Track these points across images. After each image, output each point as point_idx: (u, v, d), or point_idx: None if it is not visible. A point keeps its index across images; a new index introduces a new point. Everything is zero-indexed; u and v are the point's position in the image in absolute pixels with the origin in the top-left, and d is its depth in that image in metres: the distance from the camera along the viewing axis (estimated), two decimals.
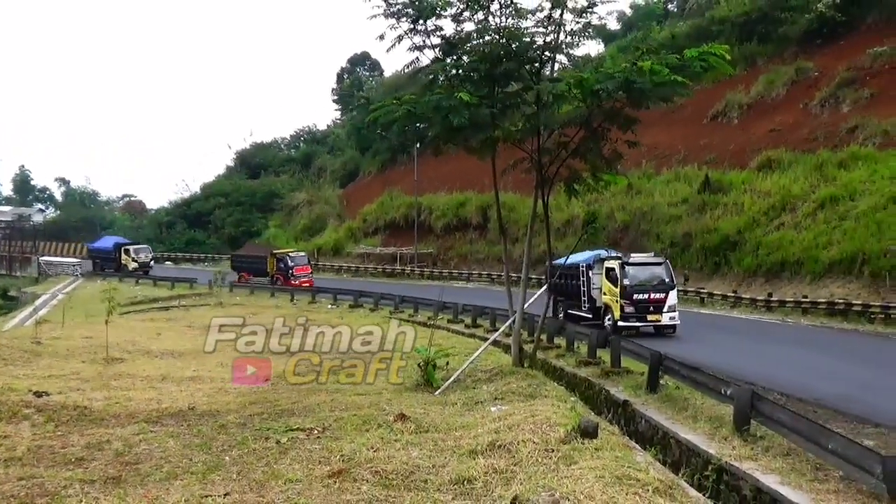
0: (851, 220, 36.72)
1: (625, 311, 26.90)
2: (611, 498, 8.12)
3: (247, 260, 61.79)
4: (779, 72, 56.04)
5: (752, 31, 61.16)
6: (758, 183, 45.83)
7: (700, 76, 15.82)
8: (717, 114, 57.80)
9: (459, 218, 66.20)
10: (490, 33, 17.09)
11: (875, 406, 14.90)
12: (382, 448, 10.79)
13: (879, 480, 8.19)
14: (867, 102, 47.64)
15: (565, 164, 18.01)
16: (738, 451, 10.97)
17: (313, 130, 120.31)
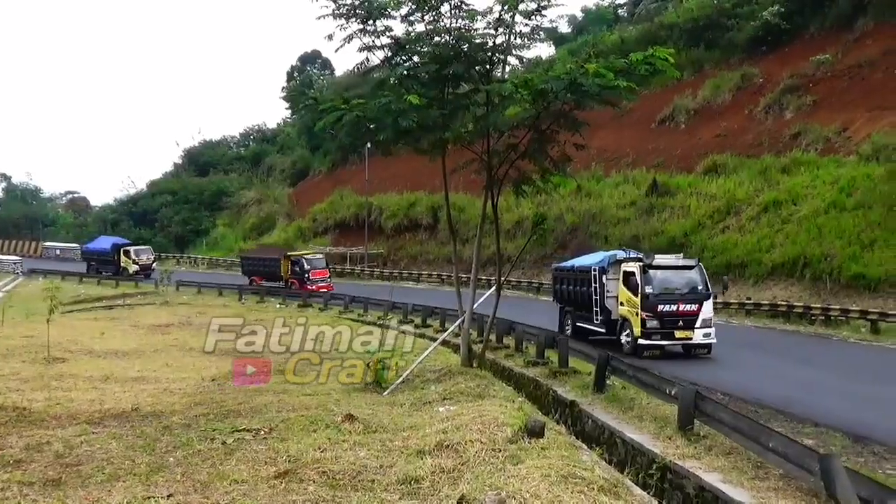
0: (794, 224, 37.42)
1: (647, 327, 21.65)
2: (556, 496, 8.17)
3: (258, 263, 54.97)
4: (725, 77, 57.03)
5: (699, 37, 62.11)
6: (704, 186, 46.51)
7: (647, 79, 15.99)
8: (664, 118, 58.59)
9: (410, 218, 66.20)
10: (440, 34, 17.08)
11: (814, 406, 15.15)
12: (329, 448, 10.73)
13: (818, 478, 8.30)
14: (810, 109, 48.71)
15: (514, 166, 18.08)
16: (681, 450, 11.06)
17: (263, 129, 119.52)
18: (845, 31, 52.35)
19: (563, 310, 27.18)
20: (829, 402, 15.65)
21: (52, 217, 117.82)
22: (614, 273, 23.71)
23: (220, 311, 36.00)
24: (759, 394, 16.52)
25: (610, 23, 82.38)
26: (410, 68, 18.04)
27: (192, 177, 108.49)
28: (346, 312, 35.16)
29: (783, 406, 15.14)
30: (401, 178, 65.35)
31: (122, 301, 42.85)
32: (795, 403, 15.49)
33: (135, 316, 34.73)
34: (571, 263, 25.57)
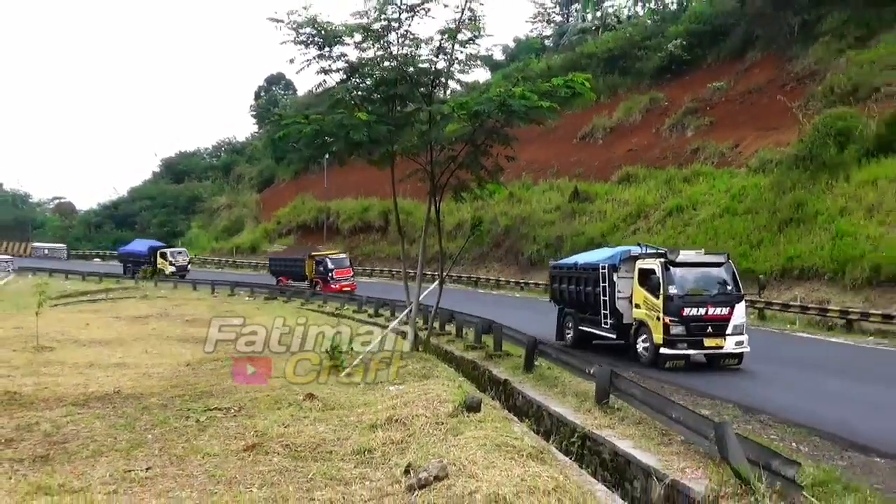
0: (694, 227, 37.89)
1: (671, 333, 16.45)
2: (491, 462, 8.23)
3: (285, 263, 50.05)
4: (636, 100, 57.70)
5: (614, 65, 62.83)
6: (618, 194, 46.82)
7: (569, 101, 16.23)
8: (585, 135, 59.11)
9: (364, 221, 66.00)
10: (388, 60, 17.12)
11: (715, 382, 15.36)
12: (292, 424, 10.68)
13: (712, 443, 8.47)
14: (707, 128, 49.53)
15: (454, 175, 18.21)
16: (598, 421, 11.20)
17: (233, 142, 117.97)
18: (737, 62, 53.33)
19: (564, 312, 21.85)
20: (725, 380, 15.95)
21: (40, 220, 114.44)
22: (627, 271, 18.62)
23: (194, 305, 35.36)
24: (667, 375, 16.40)
25: (538, 52, 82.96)
26: (363, 89, 18.04)
27: (169, 184, 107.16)
28: (307, 304, 34.86)
29: (685, 383, 15.19)
30: (356, 185, 65.01)
31: (105, 295, 41.87)
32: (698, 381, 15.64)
33: (116, 308, 33.94)
34: (574, 261, 21.31)
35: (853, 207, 30.33)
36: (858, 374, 16.91)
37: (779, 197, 34.28)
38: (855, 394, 14.25)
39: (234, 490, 7.90)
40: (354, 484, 8.04)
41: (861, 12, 45.39)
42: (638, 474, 9.29)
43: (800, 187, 33.67)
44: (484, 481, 7.38)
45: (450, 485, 7.43)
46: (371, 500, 7.47)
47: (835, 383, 15.40)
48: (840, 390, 14.62)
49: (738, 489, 7.55)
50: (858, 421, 11.55)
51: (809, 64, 45.94)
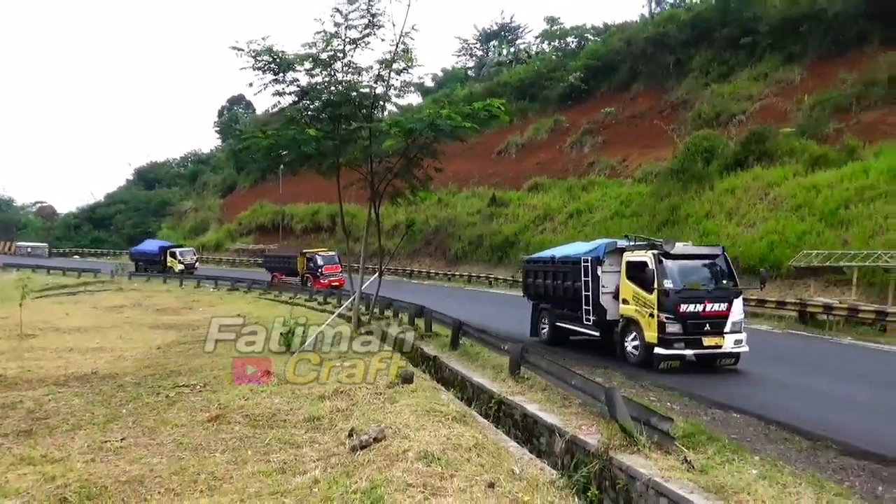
0: (590, 227, 38.49)
1: (667, 332, 13.19)
2: (422, 426, 8.26)
3: (279, 260, 45.93)
4: (543, 122, 58.44)
5: (525, 92, 63.50)
6: (528, 200, 47.33)
7: (487, 122, 16.34)
8: (501, 150, 59.59)
9: (314, 222, 65.20)
10: (334, 85, 16.95)
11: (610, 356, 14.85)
12: (251, 398, 10.49)
13: (603, 405, 8.67)
14: (601, 146, 50.61)
15: (391, 183, 18.14)
16: (511, 389, 11.29)
17: (199, 153, 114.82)
18: (624, 92, 54.44)
19: (539, 308, 18.27)
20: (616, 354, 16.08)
21: (23, 222, 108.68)
22: (612, 264, 15.21)
23: (164, 296, 34.21)
24: (572, 350, 16.34)
25: (462, 80, 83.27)
26: (312, 109, 17.81)
27: (142, 190, 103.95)
28: (265, 294, 34.14)
29: (588, 359, 15.23)
30: (307, 192, 64.08)
31: (84, 288, 40.06)
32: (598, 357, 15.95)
33: (94, 300, 32.53)
34: (551, 254, 17.89)
35: (716, 211, 31.48)
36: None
37: (658, 202, 35.27)
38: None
39: (200, 455, 7.72)
40: (305, 447, 7.95)
41: (722, 53, 47.14)
42: (544, 432, 9.43)
43: (674, 195, 34.70)
44: (416, 441, 7.41)
45: (387, 445, 7.44)
46: (319, 460, 7.41)
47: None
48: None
49: (623, 441, 7.74)
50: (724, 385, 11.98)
51: (682, 94, 47.42)
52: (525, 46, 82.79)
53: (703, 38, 48.58)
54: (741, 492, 6.25)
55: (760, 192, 30.54)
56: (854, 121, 33.27)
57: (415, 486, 6.18)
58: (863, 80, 34.64)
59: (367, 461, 7.07)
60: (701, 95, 44.81)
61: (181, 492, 6.61)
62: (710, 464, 7.10)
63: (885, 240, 22.72)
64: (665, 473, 6.84)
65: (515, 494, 6.09)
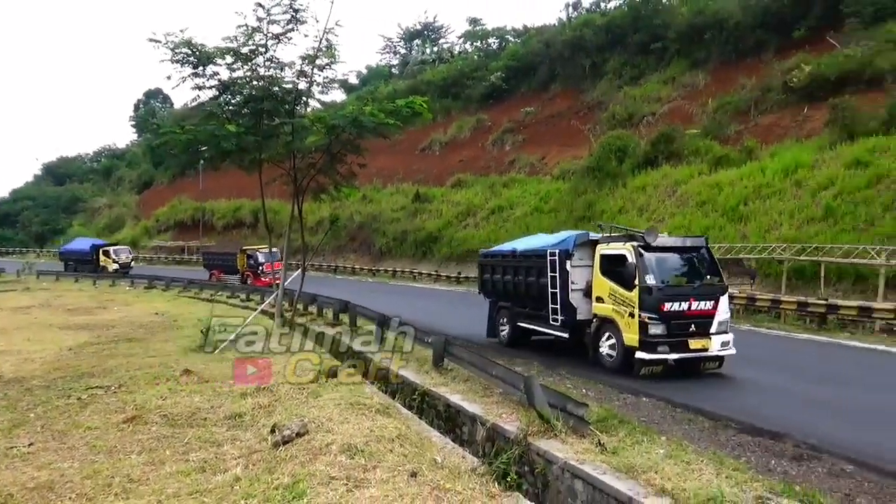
0: (511, 222, 39.15)
1: (649, 334, 11.54)
2: (345, 419, 8.22)
3: (218, 257, 43.28)
4: (466, 120, 58.89)
5: (448, 91, 63.68)
6: (452, 196, 47.68)
7: (410, 119, 16.36)
8: (424, 147, 59.67)
9: (236, 219, 63.58)
10: (256, 80, 16.54)
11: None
12: (170, 397, 10.12)
13: (523, 393, 8.85)
14: (521, 144, 51.47)
15: (314, 179, 17.87)
16: (435, 380, 11.30)
17: (113, 148, 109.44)
18: (543, 93, 55.43)
19: (498, 307, 16.36)
20: (538, 344, 16.19)
21: None
22: (583, 258, 13.41)
23: (76, 295, 32.45)
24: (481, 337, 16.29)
25: (386, 78, 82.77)
26: (233, 104, 17.32)
27: (51, 186, 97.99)
28: (185, 292, 32.94)
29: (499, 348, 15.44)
30: (229, 187, 62.24)
31: None
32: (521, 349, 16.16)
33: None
34: (512, 247, 16.03)
35: (629, 207, 32.65)
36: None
37: (575, 199, 36.24)
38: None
39: (114, 458, 7.40)
40: (226, 445, 7.76)
41: (634, 58, 48.84)
42: (466, 421, 9.54)
43: (590, 191, 35.76)
44: (339, 434, 7.36)
45: (310, 439, 7.35)
46: (241, 457, 7.24)
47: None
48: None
49: (541, 428, 7.92)
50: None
51: (597, 96, 48.80)
52: (448, 46, 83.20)
53: (617, 42, 50.16)
54: (649, 470, 6.53)
55: (669, 189, 31.87)
56: (752, 123, 35.22)
57: (338, 478, 6.14)
58: (760, 85, 36.70)
59: (290, 456, 6.97)
60: (615, 97, 46.29)
61: (94, 496, 6.32)
62: (621, 445, 7.38)
63: (779, 234, 24.19)
64: (580, 456, 7.07)
65: (438, 482, 6.15)
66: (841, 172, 24.64)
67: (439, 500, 5.77)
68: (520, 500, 6.20)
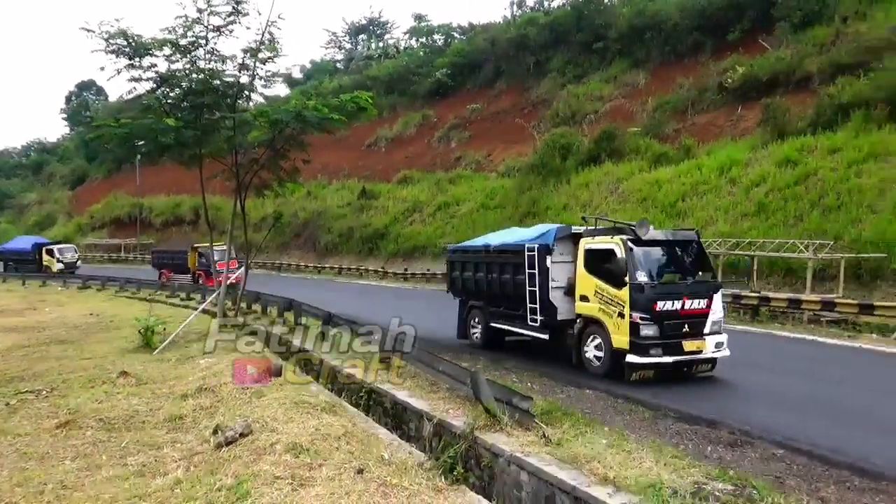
0: (458, 219, 39.30)
1: (641, 335, 10.63)
2: (290, 418, 8.12)
3: (168, 256, 40.20)
4: (411, 117, 58.79)
5: (394, 86, 63.47)
6: (398, 192, 47.43)
7: (356, 115, 16.24)
8: (370, 143, 59.35)
9: (176, 215, 61.79)
10: (196, 73, 16.10)
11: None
12: (106, 400, 9.80)
13: (469, 387, 8.91)
14: (467, 141, 51.72)
15: (257, 175, 17.54)
16: (381, 377, 11.22)
17: (44, 142, 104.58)
18: (489, 90, 55.78)
19: (469, 306, 15.27)
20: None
21: None
22: (564, 253, 12.45)
23: (4, 296, 30.95)
24: (437, 331, 15.74)
25: (331, 73, 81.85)
26: (172, 98, 16.82)
27: None
28: (122, 292, 31.82)
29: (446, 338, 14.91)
30: (168, 183, 60.44)
31: None
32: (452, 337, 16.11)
33: None
34: (485, 242, 15.07)
35: (572, 203, 33.20)
36: None
37: (520, 195, 36.61)
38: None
39: (46, 464, 7.11)
40: (166, 447, 7.56)
41: (577, 57, 49.70)
42: (413, 417, 9.56)
43: (535, 188, 36.20)
44: (284, 433, 7.27)
45: (254, 439, 7.24)
46: (182, 460, 7.07)
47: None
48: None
49: (488, 422, 8.00)
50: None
51: (541, 94, 49.44)
52: (394, 42, 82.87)
53: (560, 41, 50.92)
54: (592, 460, 6.69)
55: (611, 185, 32.59)
56: (690, 122, 36.34)
57: (283, 478, 6.06)
58: (697, 85, 37.88)
59: (233, 457, 6.84)
60: (558, 95, 47.00)
61: None
62: (565, 437, 7.52)
63: (715, 229, 25.04)
64: (525, 449, 7.17)
65: (384, 478, 6.15)
66: (772, 170, 25.67)
67: (386, 496, 5.77)
68: (466, 493, 6.25)
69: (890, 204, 20.68)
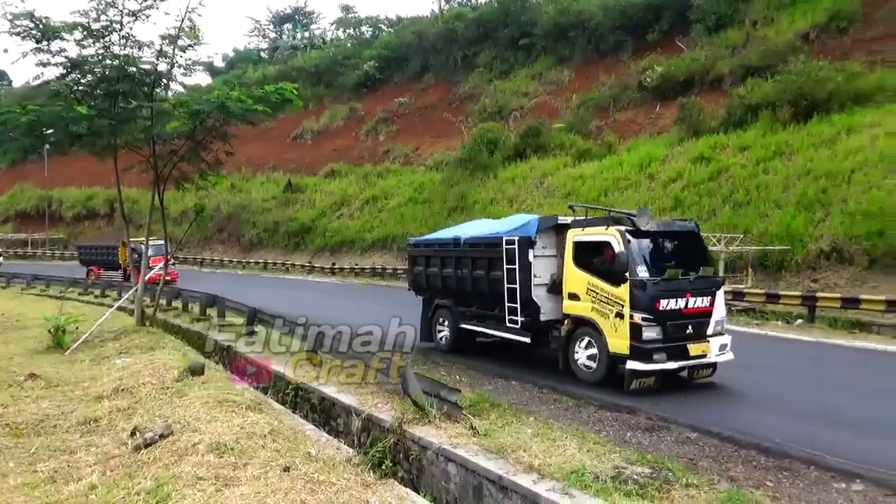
0: (386, 213, 39.20)
1: (643, 338, 9.45)
2: (213, 417, 7.90)
3: (96, 252, 36.79)
4: (339, 109, 58.13)
5: (321, 78, 62.57)
6: (325, 186, 46.88)
7: (280, 106, 15.84)
8: (296, 135, 58.35)
9: (88, 209, 58.82)
10: (110, 59, 15.34)
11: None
12: (13, 404, 9.21)
13: (396, 383, 8.97)
14: (395, 134, 51.60)
15: (177, 167, 16.89)
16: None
17: None
18: (417, 83, 55.75)
19: (435, 305, 13.91)
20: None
21: None
22: (547, 246, 11.42)
23: None
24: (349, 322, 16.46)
25: (255, 62, 79.77)
26: (84, 84, 15.95)
27: None
28: (29, 289, 30.03)
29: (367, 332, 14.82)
30: (80, 174, 57.41)
31: None
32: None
33: None
34: (454, 234, 13.60)
35: (499, 198, 33.68)
36: None
37: (448, 189, 36.84)
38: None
39: None
40: (80, 452, 7.21)
41: (504, 52, 50.34)
42: (341, 413, 9.51)
43: (463, 182, 36.50)
44: (207, 433, 7.08)
45: (175, 440, 7.01)
46: (97, 464, 6.76)
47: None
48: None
49: (416, 415, 8.06)
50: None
51: (469, 89, 49.83)
52: (320, 32, 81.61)
53: (488, 36, 51.41)
54: (518, 449, 6.85)
55: (537, 180, 33.23)
56: (612, 119, 37.48)
57: (206, 478, 5.90)
58: (618, 83, 39.08)
59: (153, 459, 6.60)
60: (485, 90, 47.48)
61: None
62: (492, 428, 7.67)
63: None
64: (453, 440, 7.27)
65: (312, 475, 6.09)
66: (688, 167, 26.82)
67: (313, 492, 5.72)
68: (395, 486, 6.27)
69: (793, 200, 21.99)
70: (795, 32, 31.94)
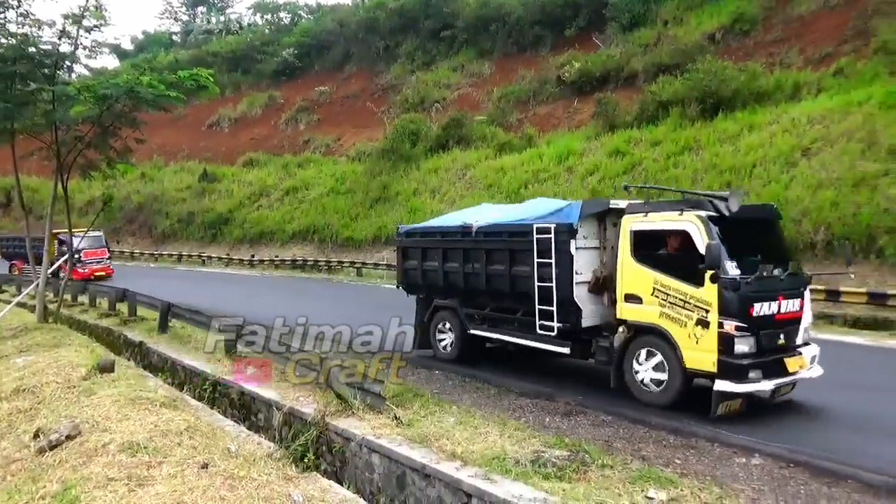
0: (307, 204, 38.53)
1: (735, 353, 7.49)
2: (125, 416, 7.59)
3: (20, 244, 30.42)
4: (257, 97, 56.60)
5: (238, 64, 60.77)
6: (243, 175, 45.64)
7: (195, 92, 15.24)
8: (212, 123, 56.45)
9: None
10: (5, 38, 14.33)
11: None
12: None
13: (319, 373, 8.86)
14: (316, 124, 50.70)
15: (82, 154, 15.98)
16: (227, 368, 10.95)
17: None
18: (338, 72, 54.99)
19: (434, 307, 11.74)
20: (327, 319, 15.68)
21: None
22: (588, 235, 9.32)
23: None
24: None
25: (167, 46, 76.30)
26: None
27: None
28: None
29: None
30: None
31: None
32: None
33: None
34: (462, 221, 11.33)
35: (422, 189, 33.74)
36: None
37: (370, 180, 36.56)
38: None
39: None
40: None
41: (426, 43, 50.31)
42: (262, 407, 9.37)
43: (385, 173, 36.31)
44: (118, 433, 6.79)
45: (83, 441, 6.69)
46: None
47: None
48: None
49: (340, 407, 8.04)
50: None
51: (391, 79, 49.52)
52: (236, 17, 78.93)
53: (410, 27, 51.21)
54: (441, 438, 6.94)
55: (459, 172, 33.49)
56: (532, 113, 38.21)
57: (118, 479, 5.67)
58: (538, 78, 39.83)
59: (59, 461, 6.28)
60: (408, 81, 47.34)
61: None
62: (416, 417, 7.74)
63: None
64: (377, 431, 7.29)
65: (231, 471, 5.95)
66: (604, 160, 27.72)
67: (233, 488, 5.60)
68: (318, 479, 6.22)
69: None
70: (703, 33, 33.51)
